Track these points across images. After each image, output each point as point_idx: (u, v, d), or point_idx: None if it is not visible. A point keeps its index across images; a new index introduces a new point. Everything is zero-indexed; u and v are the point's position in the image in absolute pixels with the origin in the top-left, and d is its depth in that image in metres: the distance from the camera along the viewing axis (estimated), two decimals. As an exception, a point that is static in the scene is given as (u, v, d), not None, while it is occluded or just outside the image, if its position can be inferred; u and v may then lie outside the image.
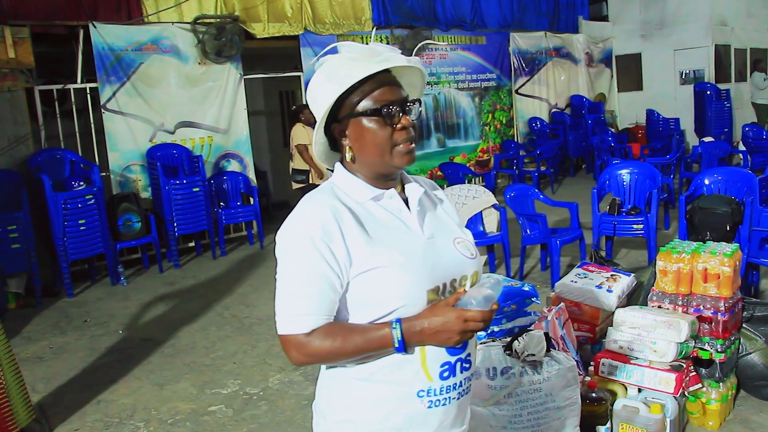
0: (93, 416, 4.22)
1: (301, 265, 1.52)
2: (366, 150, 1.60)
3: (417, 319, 1.51)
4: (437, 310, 1.50)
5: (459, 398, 1.63)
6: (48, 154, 7.43)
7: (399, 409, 1.58)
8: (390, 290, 1.53)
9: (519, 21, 12.81)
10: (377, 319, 1.55)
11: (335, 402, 1.64)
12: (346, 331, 1.53)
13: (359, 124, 1.59)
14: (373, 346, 1.52)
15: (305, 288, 1.52)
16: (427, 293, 1.54)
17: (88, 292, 7.14)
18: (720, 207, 5.34)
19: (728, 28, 13.81)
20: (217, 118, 8.81)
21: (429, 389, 1.58)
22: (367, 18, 10.26)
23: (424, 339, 1.52)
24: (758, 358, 3.70)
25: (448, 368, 1.59)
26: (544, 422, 2.92)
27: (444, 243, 1.65)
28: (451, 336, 1.49)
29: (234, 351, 5.16)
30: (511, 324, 3.20)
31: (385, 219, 1.61)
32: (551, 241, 6.04)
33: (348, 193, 1.61)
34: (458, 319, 1.48)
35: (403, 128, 1.58)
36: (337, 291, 1.54)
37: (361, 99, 1.57)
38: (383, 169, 1.62)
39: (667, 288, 3.64)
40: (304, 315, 1.52)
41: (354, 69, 1.55)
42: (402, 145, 1.59)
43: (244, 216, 8.73)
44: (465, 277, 1.63)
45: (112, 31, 7.87)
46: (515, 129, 12.92)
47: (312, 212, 1.55)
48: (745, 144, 10.84)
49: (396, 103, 1.58)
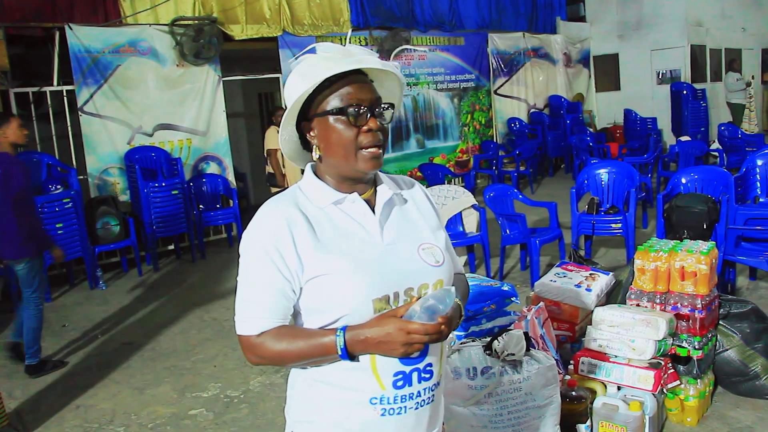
0: (72, 422, 4.18)
1: (252, 271, 1.56)
2: (331, 150, 1.59)
3: (362, 328, 1.50)
4: (382, 320, 1.49)
5: (417, 408, 1.60)
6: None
7: (353, 413, 1.57)
8: (335, 297, 1.53)
9: (497, 22, 12.87)
10: (326, 325, 1.55)
11: (297, 401, 1.67)
12: (293, 335, 1.55)
13: (326, 122, 1.57)
14: (317, 352, 1.53)
15: (255, 292, 1.56)
16: (372, 302, 1.52)
17: (67, 296, 7.07)
18: (697, 205, 5.40)
19: (703, 28, 13.98)
20: (196, 121, 8.77)
21: (382, 397, 1.56)
22: (345, 19, 10.25)
23: (367, 348, 1.51)
24: (735, 354, 3.74)
25: (403, 378, 1.57)
26: (525, 421, 2.93)
27: (406, 249, 1.62)
28: (395, 347, 1.48)
29: (214, 354, 5.14)
30: (490, 324, 3.22)
31: (343, 224, 1.60)
32: (531, 240, 6.07)
33: (309, 197, 1.61)
34: (400, 330, 1.46)
35: (369, 130, 1.56)
36: (288, 296, 1.56)
37: (330, 97, 1.56)
38: (347, 171, 1.61)
39: (645, 286, 3.67)
40: (254, 318, 1.56)
41: (323, 67, 1.54)
42: (367, 149, 1.57)
43: (224, 218, 8.71)
44: (425, 285, 1.60)
45: (88, 33, 7.81)
46: (494, 129, 12.98)
47: (265, 220, 1.57)
48: (721, 143, 10.97)
49: (364, 104, 1.56)
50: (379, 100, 1.60)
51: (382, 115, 1.59)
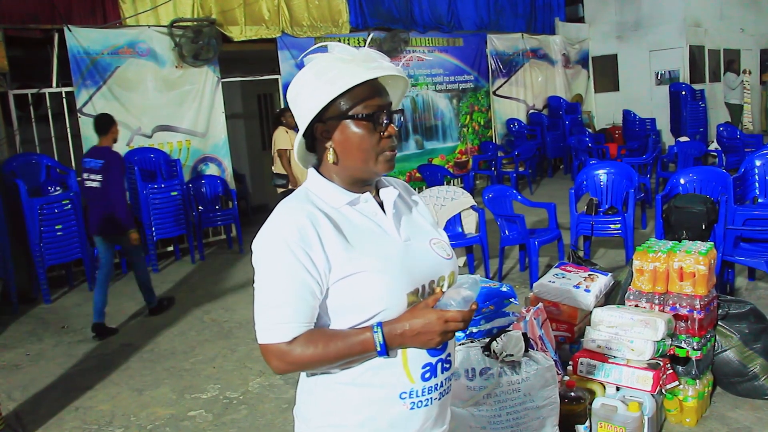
0: (71, 423, 4.18)
1: (279, 273, 1.50)
2: (351, 154, 1.59)
3: (398, 321, 1.51)
4: (417, 312, 1.51)
5: (440, 398, 1.64)
6: (23, 159, 7.34)
7: (382, 411, 1.58)
8: (370, 295, 1.53)
9: (496, 23, 12.88)
10: (359, 323, 1.54)
11: (318, 407, 1.63)
12: (327, 337, 1.52)
13: (347, 127, 1.57)
14: (355, 351, 1.51)
15: (284, 295, 1.50)
16: (407, 296, 1.54)
17: (66, 298, 7.07)
18: (695, 206, 5.40)
19: (702, 29, 13.99)
20: (195, 122, 8.77)
21: (411, 391, 1.58)
22: (344, 20, 10.26)
23: (405, 341, 1.52)
24: (733, 354, 3.74)
25: (430, 369, 1.59)
26: (523, 422, 2.94)
27: (420, 245, 1.65)
28: (432, 337, 1.50)
29: (214, 355, 5.14)
30: (489, 325, 3.22)
31: (361, 223, 1.60)
32: (529, 241, 6.08)
33: (323, 198, 1.60)
34: (439, 320, 1.48)
35: (389, 136, 1.59)
36: (316, 297, 1.52)
37: (353, 103, 1.56)
38: (365, 174, 1.62)
39: (644, 287, 3.68)
40: (285, 323, 1.50)
41: (348, 72, 1.54)
42: (387, 152, 1.60)
43: (223, 219, 8.70)
44: (443, 277, 1.64)
45: (87, 35, 7.81)
46: (493, 130, 12.98)
47: (288, 218, 1.53)
48: (720, 143, 10.98)
49: (385, 111, 1.58)
50: (391, 104, 1.62)
51: (396, 120, 1.62)
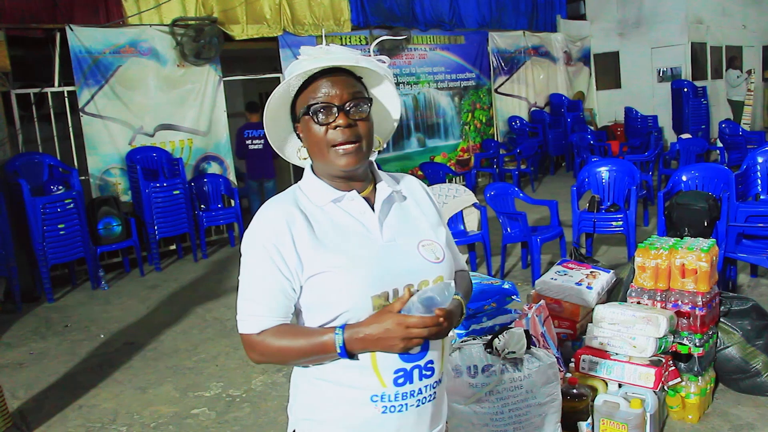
0: (74, 421, 4.19)
1: (253, 269, 1.57)
2: (311, 150, 1.61)
3: (360, 325, 1.50)
4: (380, 316, 1.48)
5: (419, 405, 1.60)
6: (26, 159, 7.35)
7: (355, 411, 1.58)
8: (334, 294, 1.54)
9: (497, 20, 12.88)
10: (326, 322, 1.56)
11: (301, 401, 1.67)
12: (293, 333, 1.56)
13: (305, 124, 1.59)
14: (316, 350, 1.53)
15: (255, 291, 1.57)
16: (372, 299, 1.53)
17: (69, 296, 7.08)
18: (697, 203, 5.40)
19: (704, 26, 13.97)
20: (197, 121, 8.78)
21: (383, 395, 1.56)
22: (345, 19, 10.26)
23: (367, 346, 1.50)
24: (736, 351, 3.74)
25: (404, 375, 1.56)
26: (526, 419, 2.94)
27: (406, 246, 1.62)
28: (394, 343, 1.47)
29: (216, 353, 5.15)
30: (491, 322, 3.22)
31: (343, 222, 1.60)
32: (532, 239, 6.08)
33: (309, 196, 1.62)
34: (399, 325, 1.45)
35: (336, 127, 1.54)
36: (288, 295, 1.57)
37: (303, 100, 1.58)
38: (331, 170, 1.61)
39: (646, 284, 3.68)
40: (254, 316, 1.57)
41: (295, 70, 1.56)
42: (339, 146, 1.56)
43: (225, 218, 8.72)
44: (426, 282, 1.58)
45: (89, 34, 7.81)
46: (495, 128, 12.98)
47: (265, 219, 1.58)
48: (722, 140, 10.97)
49: (333, 101, 1.54)
50: (356, 94, 1.57)
51: (358, 110, 1.56)
